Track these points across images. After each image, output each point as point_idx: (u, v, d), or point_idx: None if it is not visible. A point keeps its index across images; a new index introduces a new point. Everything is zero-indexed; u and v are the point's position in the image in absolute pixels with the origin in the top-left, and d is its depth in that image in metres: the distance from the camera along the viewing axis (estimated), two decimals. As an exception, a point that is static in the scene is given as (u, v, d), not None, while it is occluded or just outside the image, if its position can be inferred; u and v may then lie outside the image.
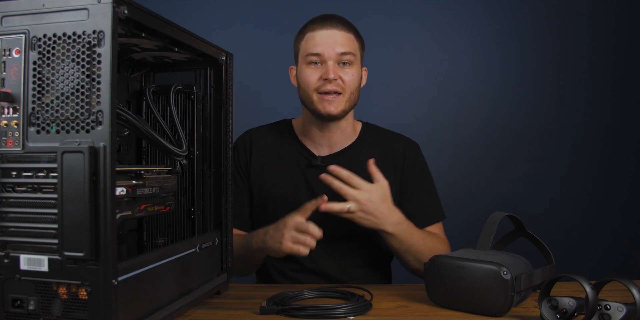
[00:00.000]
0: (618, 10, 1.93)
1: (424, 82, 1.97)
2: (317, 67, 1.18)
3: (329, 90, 1.17)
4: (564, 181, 1.91)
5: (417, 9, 1.97)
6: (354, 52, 1.19)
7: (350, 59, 1.18)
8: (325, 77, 1.16)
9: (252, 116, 1.74)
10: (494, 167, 1.93)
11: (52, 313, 0.64)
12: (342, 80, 1.17)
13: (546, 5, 1.93)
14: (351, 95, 1.20)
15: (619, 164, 1.91)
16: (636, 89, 1.92)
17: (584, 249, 1.87)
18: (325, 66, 1.17)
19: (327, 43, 1.17)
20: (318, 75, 1.18)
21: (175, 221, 0.99)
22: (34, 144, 0.65)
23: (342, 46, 1.17)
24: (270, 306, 0.85)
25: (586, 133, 1.91)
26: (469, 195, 1.91)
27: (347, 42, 1.19)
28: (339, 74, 1.17)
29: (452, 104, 1.95)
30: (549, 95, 1.93)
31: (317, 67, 1.18)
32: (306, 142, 1.29)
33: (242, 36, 1.91)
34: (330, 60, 1.17)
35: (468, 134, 1.93)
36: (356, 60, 1.21)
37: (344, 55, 1.17)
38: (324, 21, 1.20)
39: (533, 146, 1.92)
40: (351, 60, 1.19)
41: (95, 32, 0.62)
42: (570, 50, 1.93)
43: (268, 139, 1.31)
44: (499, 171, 1.92)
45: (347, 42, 1.19)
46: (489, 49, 1.95)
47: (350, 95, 1.19)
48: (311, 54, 1.18)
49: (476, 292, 0.83)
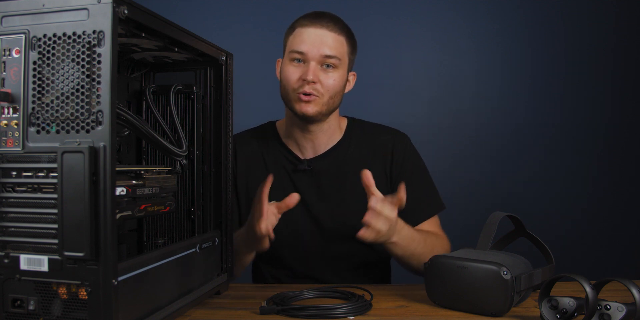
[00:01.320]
0: (618, 10, 1.93)
1: (424, 82, 1.97)
2: (299, 65, 1.15)
3: (305, 91, 1.13)
4: (564, 181, 1.91)
5: (417, 9, 1.97)
6: (339, 56, 1.15)
7: (335, 62, 1.14)
8: (304, 78, 1.12)
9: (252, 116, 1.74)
10: (494, 167, 1.93)
11: (52, 313, 0.64)
12: (322, 83, 1.13)
13: (546, 5, 1.93)
14: (330, 100, 1.15)
15: (619, 164, 1.91)
16: (636, 89, 1.92)
17: (584, 249, 1.87)
18: (307, 66, 1.13)
19: (314, 42, 1.13)
20: (298, 74, 1.14)
21: (175, 221, 0.99)
22: (34, 144, 0.65)
23: (329, 48, 1.13)
24: (270, 306, 0.85)
25: (586, 133, 1.91)
26: (469, 195, 1.91)
27: (335, 45, 1.14)
28: (320, 77, 1.13)
29: (452, 104, 1.95)
30: (549, 95, 1.93)
31: (299, 66, 1.14)
32: (290, 145, 1.25)
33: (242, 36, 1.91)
34: (313, 61, 1.13)
35: (468, 134, 1.93)
36: (341, 64, 1.16)
37: (328, 58, 1.13)
38: (316, 19, 1.16)
39: (533, 146, 1.92)
40: (335, 63, 1.14)
41: (95, 32, 0.62)
42: (570, 50, 1.93)
43: (252, 144, 1.28)
44: (499, 171, 1.92)
45: (335, 45, 1.14)
46: (489, 49, 1.95)
47: (329, 99, 1.15)
48: (295, 51, 1.14)
49: (476, 292, 0.83)
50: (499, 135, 1.92)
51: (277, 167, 1.24)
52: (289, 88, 1.16)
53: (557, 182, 1.91)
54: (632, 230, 1.90)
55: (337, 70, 1.16)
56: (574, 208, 1.90)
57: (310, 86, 1.13)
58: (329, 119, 1.21)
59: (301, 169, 1.22)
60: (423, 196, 1.24)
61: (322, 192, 1.22)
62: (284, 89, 1.17)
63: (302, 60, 1.14)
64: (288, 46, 1.18)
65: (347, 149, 1.25)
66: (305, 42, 1.14)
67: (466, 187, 1.94)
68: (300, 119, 1.18)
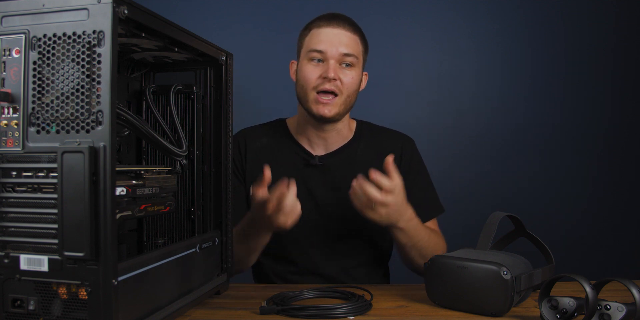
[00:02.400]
0: (618, 10, 1.93)
1: (424, 82, 1.97)
2: (318, 64, 1.17)
3: (326, 89, 1.15)
4: (564, 181, 1.91)
5: (417, 9, 1.97)
6: (356, 54, 1.18)
7: (353, 61, 1.17)
8: (324, 76, 1.15)
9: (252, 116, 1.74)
10: (494, 167, 1.93)
11: (52, 313, 0.64)
12: (341, 81, 1.16)
13: (546, 5, 1.93)
14: (347, 98, 1.18)
15: (619, 164, 1.91)
16: (636, 89, 1.92)
17: (584, 249, 1.87)
18: (327, 65, 1.16)
19: (332, 42, 1.16)
20: (318, 73, 1.16)
21: (175, 221, 0.99)
22: (34, 144, 0.65)
23: (346, 47, 1.16)
24: (270, 306, 0.85)
25: (586, 133, 1.91)
26: (469, 195, 1.91)
27: (352, 44, 1.18)
28: (339, 74, 1.16)
29: (452, 104, 1.95)
30: (549, 95, 1.93)
31: (318, 65, 1.17)
32: (302, 141, 1.27)
33: (242, 36, 1.91)
34: (332, 59, 1.16)
35: (468, 134, 1.93)
36: (358, 63, 1.19)
37: (346, 57, 1.16)
38: (332, 19, 1.19)
39: (533, 146, 1.92)
40: (353, 62, 1.18)
41: (95, 32, 0.62)
42: (570, 50, 1.93)
43: (263, 140, 1.30)
44: (499, 171, 1.92)
45: (352, 44, 1.18)
46: (489, 49, 1.95)
47: (347, 97, 1.18)
48: (314, 50, 1.17)
49: (476, 292, 0.83)
50: (499, 135, 1.92)
51: (288, 162, 1.26)
52: (307, 87, 1.17)
53: (557, 182, 1.91)
54: (632, 230, 1.90)
55: (354, 68, 1.19)
56: (574, 208, 1.90)
57: (331, 83, 1.15)
58: (344, 118, 1.24)
59: (313, 164, 1.24)
60: (425, 199, 1.26)
61: (331, 187, 1.24)
62: (302, 88, 1.19)
63: (321, 59, 1.17)
64: (305, 47, 1.20)
65: (357, 149, 1.27)
66: (323, 41, 1.17)
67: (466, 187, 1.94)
68: (318, 120, 1.20)
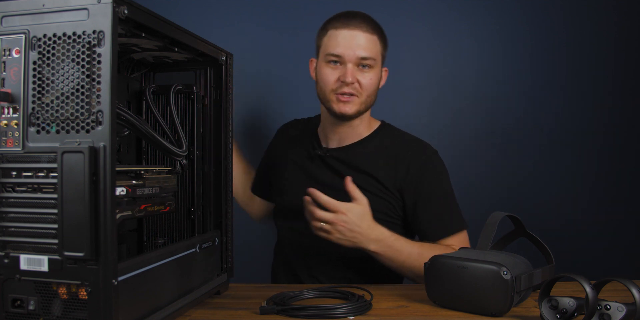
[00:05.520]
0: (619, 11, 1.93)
1: (424, 82, 1.96)
2: (336, 67, 1.18)
3: (345, 92, 1.17)
4: (564, 181, 1.90)
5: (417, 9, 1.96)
6: (374, 56, 1.18)
7: (370, 63, 1.17)
8: (342, 80, 1.16)
9: (252, 116, 1.75)
10: (494, 167, 1.92)
11: (52, 313, 0.64)
12: (360, 83, 1.17)
13: (547, 5, 1.93)
14: (367, 98, 1.20)
15: (618, 164, 1.91)
16: (636, 89, 1.91)
17: (584, 249, 1.86)
18: (344, 68, 1.16)
19: (349, 45, 1.16)
20: (336, 76, 1.17)
21: (175, 221, 0.99)
22: (34, 144, 0.65)
23: (364, 50, 1.16)
24: (270, 306, 0.85)
25: (586, 133, 1.91)
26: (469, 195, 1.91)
27: (369, 46, 1.17)
28: (357, 77, 1.17)
29: (452, 103, 1.94)
30: (549, 95, 1.92)
31: (336, 68, 1.18)
32: (320, 134, 1.33)
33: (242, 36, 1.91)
34: (349, 63, 1.16)
35: (468, 134, 1.92)
36: (376, 64, 1.19)
37: (364, 60, 1.16)
38: (348, 20, 1.18)
39: (533, 146, 1.92)
40: (371, 64, 1.18)
41: (95, 32, 0.62)
42: (570, 50, 1.92)
43: (296, 130, 1.40)
44: (499, 171, 1.92)
45: (369, 46, 1.17)
46: (490, 49, 1.95)
47: (366, 97, 1.20)
48: (331, 54, 1.17)
49: (476, 292, 0.83)
50: (499, 134, 1.92)
51: (302, 152, 1.32)
52: (326, 89, 1.20)
53: (557, 182, 1.90)
54: (632, 230, 1.89)
55: (373, 69, 1.19)
56: (574, 208, 1.90)
57: (349, 87, 1.17)
58: (362, 115, 1.25)
59: (316, 155, 1.27)
60: (442, 213, 1.22)
61: (330, 180, 1.25)
62: (322, 90, 1.21)
63: (338, 62, 1.18)
64: (323, 48, 1.21)
65: (366, 147, 1.27)
66: (340, 45, 1.17)
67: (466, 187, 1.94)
68: (339, 118, 1.22)
